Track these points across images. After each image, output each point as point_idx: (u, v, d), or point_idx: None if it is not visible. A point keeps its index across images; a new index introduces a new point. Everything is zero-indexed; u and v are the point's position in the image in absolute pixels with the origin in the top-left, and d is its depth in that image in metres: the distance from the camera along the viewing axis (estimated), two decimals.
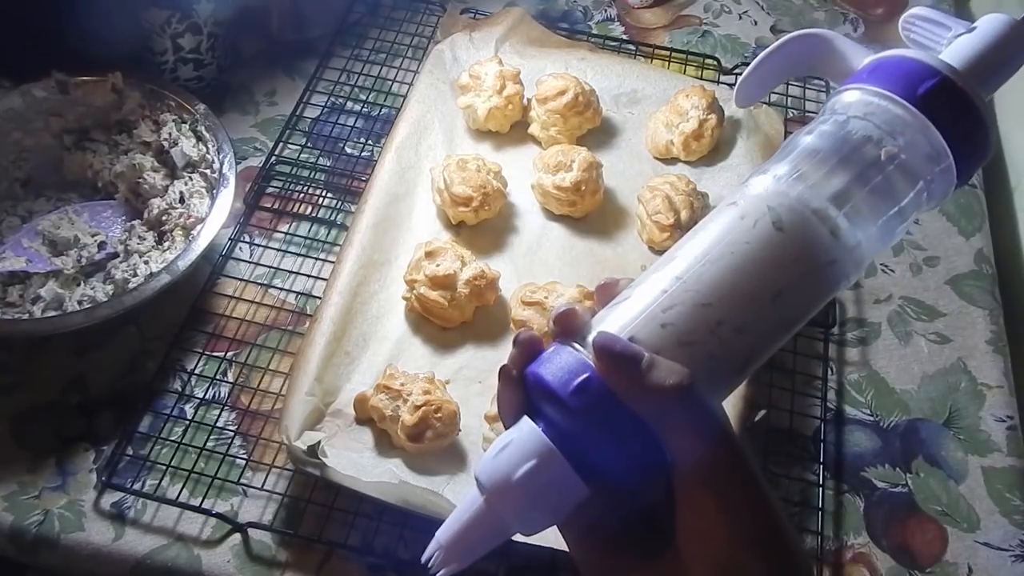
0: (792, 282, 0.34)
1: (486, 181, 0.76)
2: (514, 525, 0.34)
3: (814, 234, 0.34)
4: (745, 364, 0.35)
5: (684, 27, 1.01)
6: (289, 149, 0.86)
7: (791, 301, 0.34)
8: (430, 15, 0.99)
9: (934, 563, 0.65)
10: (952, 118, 0.35)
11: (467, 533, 0.34)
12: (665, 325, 0.34)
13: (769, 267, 0.34)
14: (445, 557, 0.34)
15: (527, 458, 0.33)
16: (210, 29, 0.86)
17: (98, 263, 0.75)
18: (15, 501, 0.64)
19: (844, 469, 0.69)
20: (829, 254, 0.34)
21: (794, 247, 0.34)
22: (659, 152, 0.85)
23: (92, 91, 0.80)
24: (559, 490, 0.33)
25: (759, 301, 0.34)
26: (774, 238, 0.34)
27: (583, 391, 0.33)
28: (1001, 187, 0.91)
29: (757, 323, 0.34)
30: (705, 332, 0.33)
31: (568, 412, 0.33)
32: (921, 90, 0.35)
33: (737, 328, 0.34)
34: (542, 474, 0.33)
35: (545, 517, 0.34)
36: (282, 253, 0.78)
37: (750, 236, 0.34)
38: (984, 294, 0.79)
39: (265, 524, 0.63)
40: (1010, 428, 0.72)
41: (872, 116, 0.36)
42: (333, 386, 0.67)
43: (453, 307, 0.70)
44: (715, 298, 0.34)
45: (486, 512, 0.34)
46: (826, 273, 0.35)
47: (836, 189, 0.35)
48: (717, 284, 0.34)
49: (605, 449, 0.33)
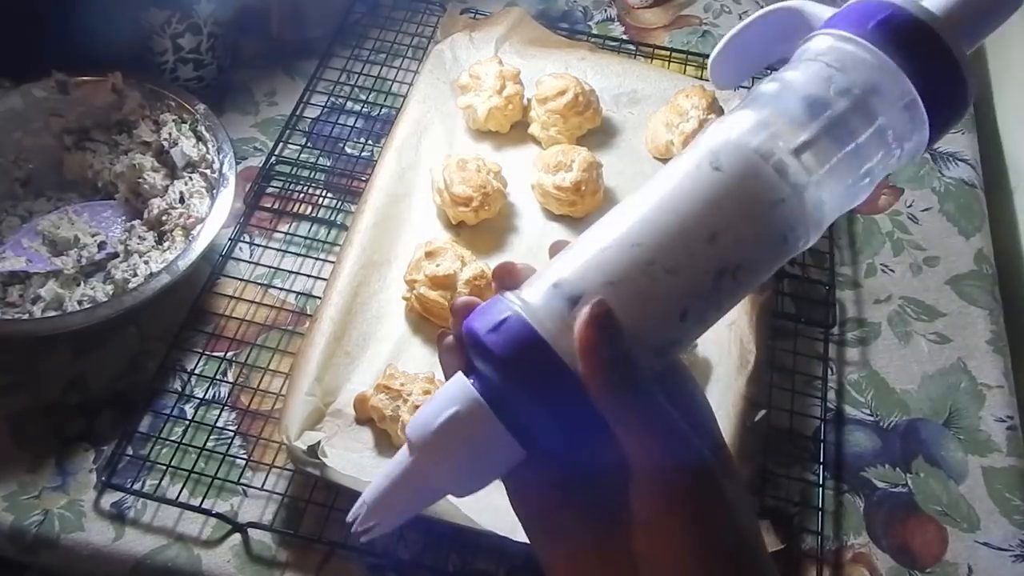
0: (731, 221, 0.32)
1: (486, 181, 0.76)
2: (441, 482, 0.32)
3: (755, 170, 0.32)
4: (683, 312, 0.32)
5: (684, 27, 1.01)
6: (289, 149, 0.86)
7: (730, 242, 0.32)
8: (430, 15, 0.99)
9: (934, 563, 0.65)
10: (910, 51, 0.33)
11: (392, 491, 0.32)
12: (592, 267, 0.32)
13: (703, 205, 0.32)
14: (368, 515, 0.32)
15: (448, 405, 0.31)
16: (210, 29, 0.86)
17: (98, 263, 0.75)
18: (15, 501, 0.64)
19: (844, 469, 0.69)
20: (775, 192, 0.32)
21: (732, 184, 0.32)
22: (659, 152, 0.85)
23: (92, 91, 0.80)
24: (486, 445, 0.31)
25: (694, 242, 0.32)
26: (711, 176, 0.32)
27: (498, 329, 0.31)
28: (1001, 187, 0.91)
29: (692, 264, 0.32)
30: (635, 271, 0.32)
31: (489, 357, 0.31)
32: (872, 23, 0.34)
33: (669, 269, 0.32)
34: (464, 424, 0.31)
35: (475, 476, 0.32)
36: (282, 253, 0.78)
37: (687, 177, 0.33)
38: (984, 294, 0.79)
39: (265, 524, 0.63)
40: (1010, 428, 0.72)
41: (823, 55, 0.35)
42: (333, 386, 0.67)
43: None
44: (647, 238, 0.32)
45: (411, 467, 0.32)
46: (772, 214, 0.33)
47: (781, 126, 0.33)
48: (648, 223, 0.32)
49: (531, 402, 0.31)
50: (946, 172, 0.88)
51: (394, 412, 0.63)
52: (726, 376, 0.67)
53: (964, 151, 0.90)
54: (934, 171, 0.88)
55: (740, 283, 0.33)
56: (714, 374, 0.67)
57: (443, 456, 0.32)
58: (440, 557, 0.63)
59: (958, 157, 0.89)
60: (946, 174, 0.88)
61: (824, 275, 0.78)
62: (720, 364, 0.68)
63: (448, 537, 0.62)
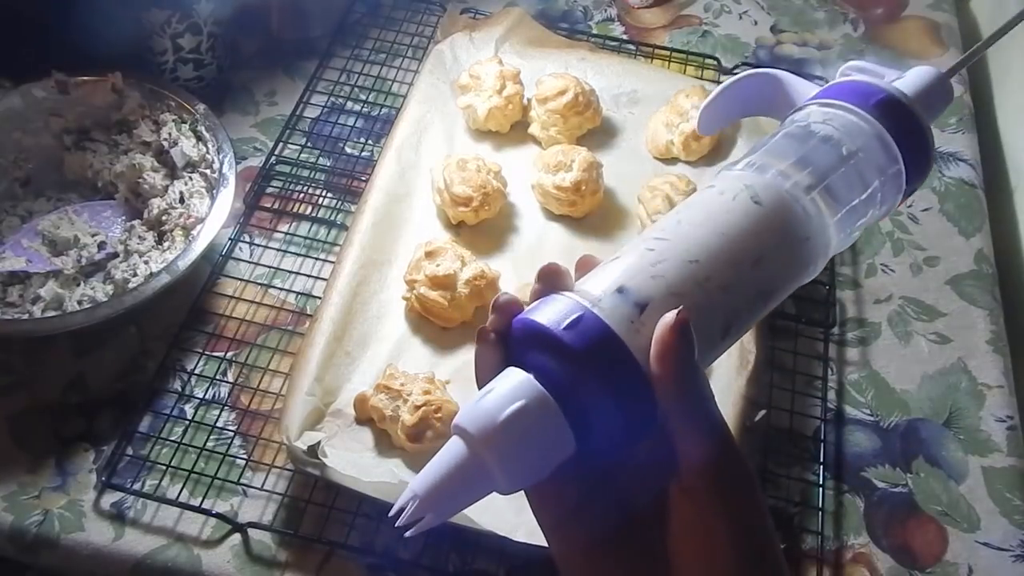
0: (771, 251, 0.36)
1: (486, 181, 0.76)
2: (496, 475, 0.32)
3: (790, 209, 0.37)
4: (727, 328, 0.35)
5: (684, 27, 1.01)
6: (289, 149, 0.86)
7: (770, 269, 0.36)
8: (430, 15, 0.99)
9: (934, 563, 0.65)
10: (901, 128, 0.40)
11: (447, 483, 0.31)
12: (655, 277, 0.34)
13: (750, 234, 0.36)
14: (419, 508, 0.31)
15: (514, 398, 0.32)
16: (210, 29, 0.86)
17: (98, 263, 0.75)
18: (15, 501, 0.64)
19: (844, 469, 0.69)
20: (804, 230, 0.37)
21: (773, 218, 0.36)
22: (659, 152, 0.85)
23: (92, 91, 0.80)
24: (546, 438, 0.32)
25: (742, 264, 0.35)
26: (753, 209, 0.36)
27: (575, 326, 0.32)
28: (1001, 187, 0.91)
29: (740, 285, 0.35)
30: (693, 285, 0.34)
31: (560, 352, 0.32)
32: (873, 101, 0.40)
33: (722, 286, 0.35)
34: (530, 416, 0.31)
35: (530, 471, 0.32)
36: (282, 253, 0.78)
37: (730, 207, 0.36)
38: (984, 294, 0.79)
39: (265, 524, 0.63)
40: (1010, 428, 0.72)
41: (831, 121, 0.40)
42: (333, 386, 0.67)
43: (453, 307, 0.70)
44: (702, 255, 0.35)
45: (469, 459, 0.31)
46: (801, 249, 0.37)
47: (803, 175, 0.38)
48: (703, 243, 0.35)
49: (602, 397, 0.32)
50: (946, 172, 0.88)
51: (394, 412, 0.63)
52: (726, 376, 0.67)
53: (964, 151, 0.90)
54: (934, 171, 0.88)
55: (767, 306, 0.37)
56: (714, 374, 0.67)
57: (505, 449, 0.31)
58: (440, 557, 0.63)
59: (958, 157, 0.89)
60: (946, 174, 0.88)
61: (824, 275, 0.77)
62: (720, 364, 0.68)
63: (448, 537, 0.62)
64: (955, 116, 0.92)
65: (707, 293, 0.34)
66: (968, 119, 0.92)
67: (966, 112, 0.93)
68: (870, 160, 0.39)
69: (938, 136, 0.91)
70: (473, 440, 0.31)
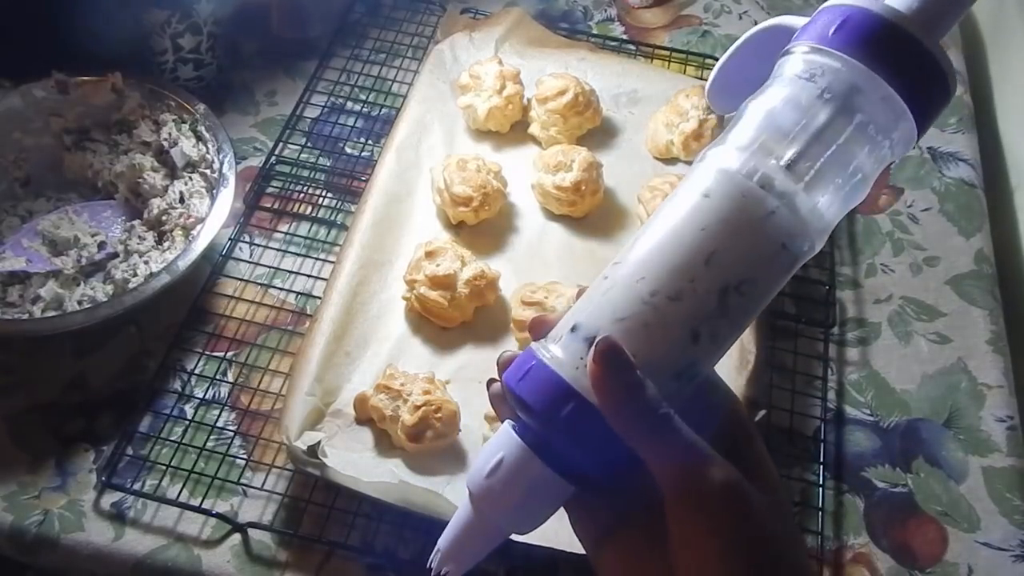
0: (724, 241, 0.34)
1: (486, 181, 0.76)
2: (501, 524, 0.34)
3: (740, 190, 0.34)
4: (695, 334, 0.34)
5: (684, 27, 1.01)
6: (289, 149, 0.86)
7: (727, 261, 0.34)
8: (430, 15, 0.99)
9: (934, 563, 0.65)
10: (872, 47, 0.34)
11: (461, 537, 0.35)
12: (603, 306, 0.34)
13: (696, 231, 0.34)
14: (442, 561, 0.35)
15: (495, 452, 0.34)
16: (210, 29, 0.86)
17: (98, 263, 0.75)
18: (15, 501, 0.64)
19: (844, 469, 0.69)
20: (763, 206, 0.34)
21: (720, 207, 0.34)
22: (659, 152, 0.85)
23: (92, 91, 0.80)
24: (535, 485, 0.34)
25: (692, 266, 0.33)
26: (701, 204, 0.34)
27: (525, 377, 0.34)
28: (1001, 187, 0.91)
29: (694, 288, 0.33)
30: (639, 305, 0.33)
31: (520, 403, 0.34)
32: (831, 29, 0.35)
33: (671, 296, 0.33)
34: (511, 468, 0.34)
35: (530, 514, 0.34)
36: (282, 253, 0.78)
37: (679, 209, 0.35)
38: (984, 294, 0.79)
39: (265, 524, 0.63)
40: (1010, 428, 0.71)
41: (793, 68, 0.36)
42: (333, 386, 0.67)
43: (453, 307, 0.70)
44: (648, 271, 0.34)
45: (472, 514, 0.35)
46: (765, 227, 0.34)
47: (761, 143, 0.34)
48: (647, 259, 0.34)
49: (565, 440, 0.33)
50: (946, 172, 0.88)
51: (394, 412, 0.63)
52: (726, 376, 0.66)
53: (964, 151, 0.90)
54: (934, 171, 0.88)
55: (748, 297, 0.34)
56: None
57: (497, 500, 0.34)
58: None
59: (958, 157, 0.89)
60: (946, 174, 0.88)
61: (824, 275, 0.78)
62: (720, 364, 0.68)
63: None
64: (955, 116, 0.92)
65: (655, 308, 0.33)
66: (968, 119, 0.92)
67: (966, 112, 0.93)
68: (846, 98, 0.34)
69: (938, 136, 0.91)
70: (471, 495, 0.35)
